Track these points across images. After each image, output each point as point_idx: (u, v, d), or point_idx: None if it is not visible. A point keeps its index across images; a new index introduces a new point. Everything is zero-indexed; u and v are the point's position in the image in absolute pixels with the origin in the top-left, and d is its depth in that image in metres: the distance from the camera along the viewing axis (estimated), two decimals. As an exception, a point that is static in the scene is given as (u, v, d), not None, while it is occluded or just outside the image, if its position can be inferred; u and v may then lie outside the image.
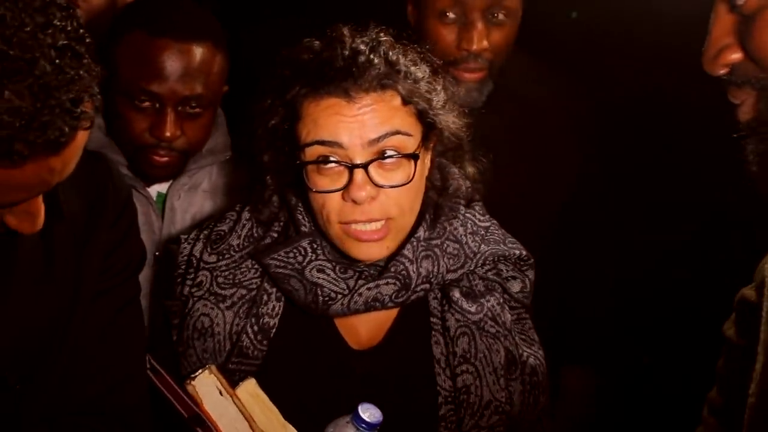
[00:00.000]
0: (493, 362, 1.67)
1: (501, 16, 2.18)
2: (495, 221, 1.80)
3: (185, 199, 2.20)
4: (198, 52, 1.98)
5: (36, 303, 1.42)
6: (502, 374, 1.67)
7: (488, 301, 1.71)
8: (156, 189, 2.20)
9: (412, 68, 1.64)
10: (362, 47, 1.62)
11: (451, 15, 2.17)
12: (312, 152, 1.60)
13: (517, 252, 1.76)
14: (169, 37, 1.96)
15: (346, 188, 1.58)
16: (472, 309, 1.69)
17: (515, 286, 1.76)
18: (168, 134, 1.99)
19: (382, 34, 1.67)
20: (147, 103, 1.98)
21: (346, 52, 1.61)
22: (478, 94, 2.23)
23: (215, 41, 2.03)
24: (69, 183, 1.41)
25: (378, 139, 1.57)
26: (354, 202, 1.58)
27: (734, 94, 1.35)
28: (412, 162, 1.60)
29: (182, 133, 2.02)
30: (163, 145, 2.02)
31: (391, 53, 1.63)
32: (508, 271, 1.76)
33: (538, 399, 1.72)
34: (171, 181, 2.20)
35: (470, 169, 1.77)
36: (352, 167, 1.57)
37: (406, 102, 1.61)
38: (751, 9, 1.28)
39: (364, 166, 1.57)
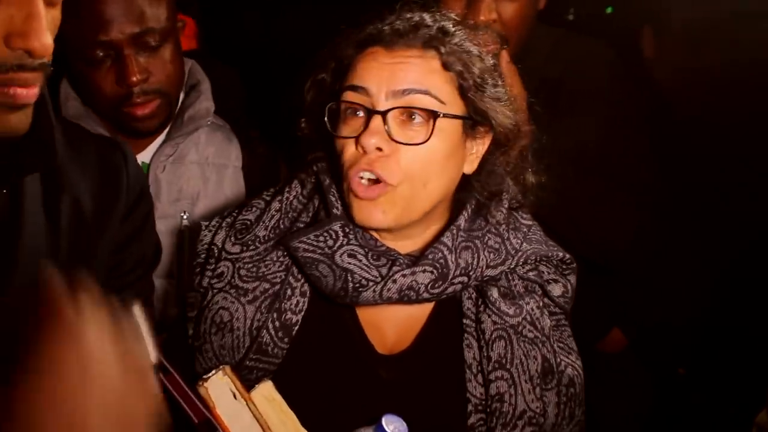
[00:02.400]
0: (529, 370, 1.54)
1: None
2: (536, 223, 1.68)
3: (170, 171, 2.10)
4: None
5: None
6: (538, 383, 1.55)
7: (528, 303, 1.59)
8: (140, 159, 2.07)
9: (468, 44, 1.53)
10: (425, 15, 1.54)
11: None
12: (344, 98, 1.50)
13: (560, 254, 1.65)
14: None
15: (362, 134, 1.47)
16: (510, 311, 1.56)
17: (557, 290, 1.64)
18: (134, 78, 1.91)
19: (452, 14, 1.59)
20: (103, 55, 1.91)
21: (408, 16, 1.54)
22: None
23: None
24: (78, 169, 1.38)
25: (404, 92, 1.46)
26: (363, 150, 1.46)
27: None
28: (433, 123, 1.47)
29: (149, 74, 1.94)
30: (136, 92, 1.93)
31: (448, 24, 1.54)
32: (549, 273, 1.65)
33: (574, 412, 1.60)
34: (154, 152, 2.09)
35: (531, 180, 1.64)
36: (371, 112, 1.47)
37: (446, 67, 1.49)
38: None
39: (383, 113, 1.46)
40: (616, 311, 2.54)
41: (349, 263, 1.50)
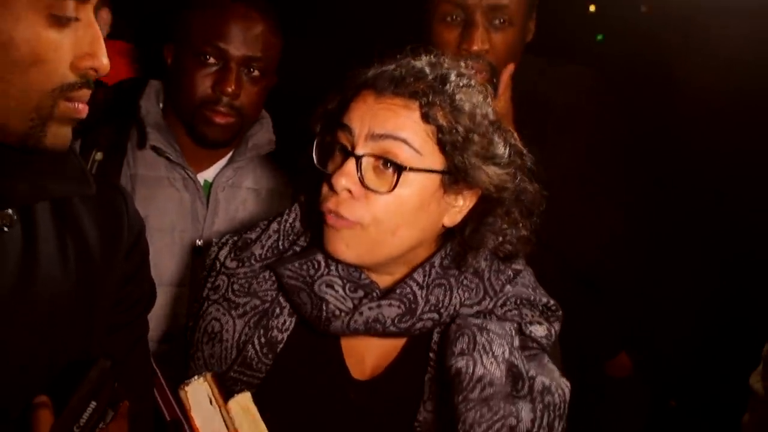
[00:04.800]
0: (494, 352, 1.49)
1: (503, 21, 2.16)
2: (530, 269, 1.65)
3: (229, 192, 2.26)
4: (261, 21, 2.15)
5: (51, 325, 1.37)
6: (503, 372, 1.48)
7: (496, 324, 1.55)
8: (203, 176, 2.27)
9: (461, 98, 1.51)
10: (425, 64, 1.56)
11: (453, 17, 2.17)
12: (333, 134, 1.55)
13: (545, 300, 1.62)
14: (240, 2, 2.15)
15: (333, 174, 1.50)
16: (476, 320, 1.54)
17: (539, 331, 1.59)
18: (230, 89, 2.11)
19: (461, 65, 1.60)
20: (213, 60, 2.12)
21: (409, 63, 1.56)
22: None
23: (275, 21, 2.20)
24: (83, 207, 1.45)
25: (382, 136, 1.47)
26: (333, 189, 1.49)
27: None
28: (398, 175, 1.47)
29: (241, 93, 2.14)
30: (224, 101, 2.13)
31: (450, 74, 1.54)
32: (533, 316, 1.60)
33: (554, 424, 1.51)
34: (217, 172, 2.27)
35: (523, 233, 1.61)
36: (347, 153, 1.50)
37: (425, 119, 1.48)
38: None
39: (357, 157, 1.48)
40: (624, 334, 2.56)
41: (326, 293, 1.52)
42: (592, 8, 3.19)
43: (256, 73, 2.16)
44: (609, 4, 3.04)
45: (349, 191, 1.49)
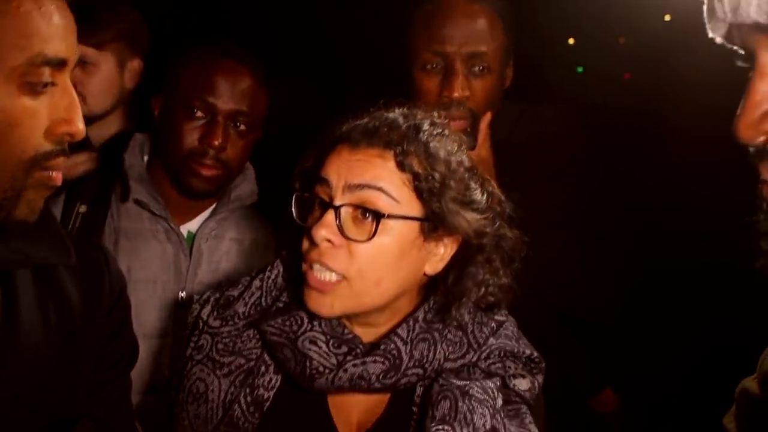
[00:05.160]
0: (474, 424, 1.48)
1: (482, 68, 2.20)
2: (513, 319, 1.65)
3: (212, 243, 2.27)
4: (249, 77, 2.18)
5: (33, 387, 1.35)
6: None
7: (482, 381, 1.56)
8: (187, 227, 2.27)
9: (435, 145, 1.53)
10: (398, 115, 1.57)
11: (433, 66, 2.21)
12: (312, 189, 1.55)
13: (528, 351, 1.61)
14: (227, 57, 2.18)
15: (312, 226, 1.50)
16: (459, 382, 1.54)
17: (523, 384, 1.60)
18: (216, 142, 2.13)
19: (434, 114, 1.61)
20: (201, 113, 2.15)
21: (382, 115, 1.57)
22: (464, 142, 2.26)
23: (263, 77, 2.23)
24: (64, 269, 1.43)
25: (358, 186, 1.48)
26: (313, 241, 1.50)
27: None
28: (376, 222, 1.48)
29: (227, 147, 2.16)
30: (210, 154, 2.15)
31: (423, 124, 1.55)
32: (516, 368, 1.60)
33: None
34: (200, 224, 2.28)
35: (504, 281, 1.61)
36: (325, 205, 1.51)
37: (401, 167, 1.50)
38: None
39: (335, 207, 1.48)
40: (608, 371, 2.58)
41: (309, 349, 1.51)
42: (571, 41, 3.28)
43: (242, 127, 2.19)
44: (587, 37, 3.12)
45: (330, 242, 1.49)
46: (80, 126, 1.25)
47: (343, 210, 1.49)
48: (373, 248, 1.49)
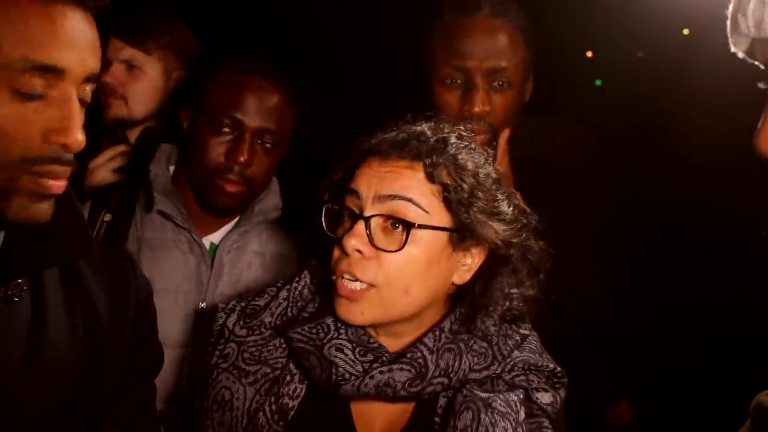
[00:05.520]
0: None
1: (502, 84, 2.22)
2: (536, 334, 1.67)
3: (234, 255, 2.28)
4: (277, 94, 2.19)
5: (60, 391, 1.37)
6: None
7: (505, 393, 1.57)
8: (209, 239, 2.29)
9: (464, 157, 1.56)
10: (425, 128, 1.60)
11: (454, 80, 2.23)
12: (342, 201, 1.58)
13: (551, 366, 1.62)
14: (256, 75, 2.19)
15: (342, 236, 1.53)
16: (482, 393, 1.55)
17: (545, 398, 1.60)
18: (242, 159, 2.14)
19: (461, 127, 1.64)
20: (228, 129, 2.16)
21: (410, 128, 1.60)
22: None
23: (291, 95, 2.23)
24: (91, 273, 1.45)
25: (389, 197, 1.52)
26: (344, 251, 1.52)
27: None
28: (407, 232, 1.51)
29: (252, 164, 2.17)
30: (235, 170, 2.16)
31: (450, 137, 1.59)
32: (539, 383, 1.61)
33: None
34: (223, 236, 2.30)
35: (530, 292, 1.64)
36: (356, 216, 1.54)
37: (430, 179, 1.53)
38: None
39: (366, 218, 1.51)
40: (624, 383, 2.58)
41: (336, 356, 1.53)
42: (589, 54, 3.30)
43: (269, 144, 2.20)
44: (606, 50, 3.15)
45: (360, 252, 1.52)
46: (78, 137, 1.24)
47: (373, 221, 1.52)
48: (403, 258, 1.52)
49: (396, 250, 1.51)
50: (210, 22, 2.49)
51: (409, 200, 1.52)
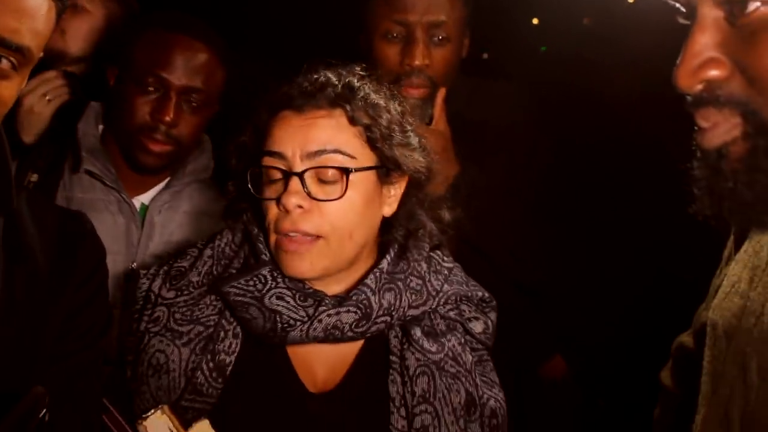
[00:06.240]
0: (452, 402, 1.58)
1: (442, 38, 2.28)
2: (458, 264, 1.74)
3: (165, 215, 2.24)
4: (204, 52, 2.14)
5: None
6: (461, 415, 1.58)
7: (449, 340, 1.64)
8: (140, 200, 2.24)
9: (374, 96, 1.60)
10: (330, 74, 1.62)
11: (395, 35, 2.27)
12: (263, 162, 1.58)
13: (480, 293, 1.70)
14: (183, 33, 2.14)
15: (283, 196, 1.55)
16: (433, 348, 1.61)
17: (477, 327, 1.69)
18: (168, 118, 2.10)
19: (356, 68, 1.66)
20: (153, 88, 2.11)
21: (314, 77, 1.61)
22: (422, 111, 2.30)
23: (220, 52, 2.19)
24: (37, 234, 1.43)
25: (317, 153, 1.54)
26: (285, 209, 1.54)
27: (706, 116, 1.16)
28: (346, 179, 1.54)
29: (179, 124, 2.13)
30: (161, 129, 2.12)
31: (353, 79, 1.61)
32: (470, 312, 1.70)
33: None
34: (153, 196, 2.25)
35: (447, 216, 1.72)
36: (288, 174, 1.55)
37: (352, 122, 1.57)
38: (756, 25, 1.09)
39: (299, 174, 1.53)
40: (558, 337, 2.67)
41: (278, 305, 1.55)
42: (535, 21, 3.36)
43: (195, 103, 2.16)
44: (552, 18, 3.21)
45: (300, 207, 1.55)
46: None
47: (306, 175, 1.54)
48: (343, 204, 1.55)
49: (338, 198, 1.54)
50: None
51: (337, 151, 1.56)
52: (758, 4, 1.09)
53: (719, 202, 1.17)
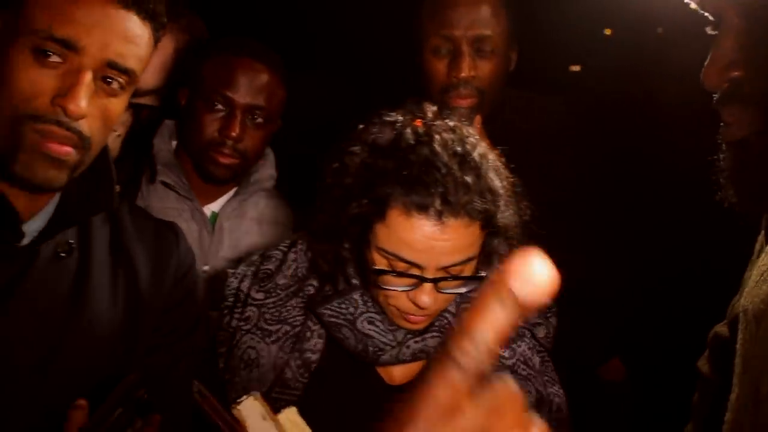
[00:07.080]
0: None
1: (487, 50, 2.35)
2: None
3: (234, 222, 2.41)
4: (266, 73, 2.31)
5: (95, 348, 1.49)
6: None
7: (519, 346, 1.75)
8: (210, 208, 2.42)
9: (495, 183, 1.61)
10: (455, 166, 1.56)
11: (443, 50, 2.36)
12: (391, 262, 1.59)
13: None
14: (246, 56, 2.31)
15: (412, 290, 1.60)
16: (506, 354, 1.72)
17: (540, 332, 1.78)
18: (234, 133, 2.27)
19: (473, 140, 1.64)
20: (220, 107, 2.29)
21: (442, 169, 1.55)
22: (469, 121, 2.35)
23: (281, 75, 2.36)
24: (137, 241, 1.60)
25: (452, 266, 1.58)
26: (415, 303, 1.61)
27: (731, 111, 1.27)
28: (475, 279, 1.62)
29: (245, 138, 2.30)
30: (228, 144, 2.28)
31: (482, 171, 1.60)
32: (534, 318, 1.79)
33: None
34: (222, 204, 2.43)
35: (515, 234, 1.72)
36: (422, 280, 1.59)
37: (484, 228, 1.61)
38: None
39: (434, 281, 1.59)
40: (618, 340, 2.72)
41: (369, 329, 1.68)
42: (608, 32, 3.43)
43: (259, 120, 2.32)
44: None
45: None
46: (78, 104, 1.35)
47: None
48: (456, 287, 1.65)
49: (460, 290, 1.64)
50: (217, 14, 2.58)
51: (469, 260, 1.61)
52: None
53: (744, 189, 1.28)
